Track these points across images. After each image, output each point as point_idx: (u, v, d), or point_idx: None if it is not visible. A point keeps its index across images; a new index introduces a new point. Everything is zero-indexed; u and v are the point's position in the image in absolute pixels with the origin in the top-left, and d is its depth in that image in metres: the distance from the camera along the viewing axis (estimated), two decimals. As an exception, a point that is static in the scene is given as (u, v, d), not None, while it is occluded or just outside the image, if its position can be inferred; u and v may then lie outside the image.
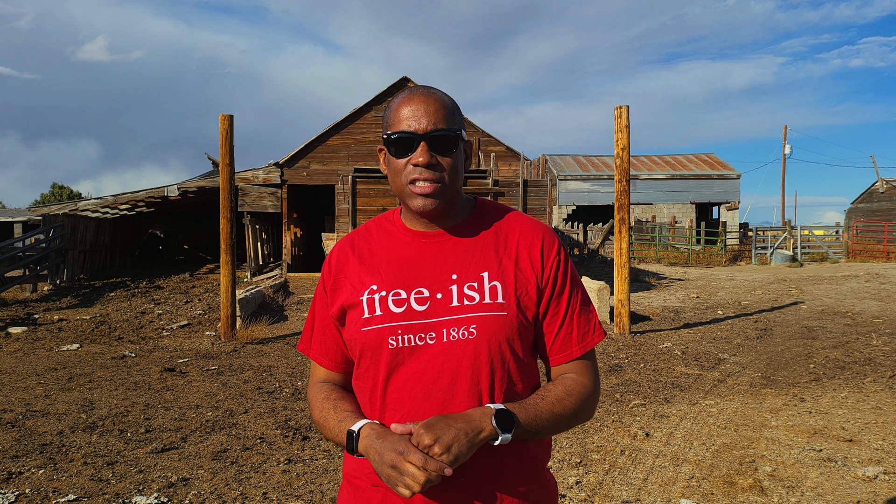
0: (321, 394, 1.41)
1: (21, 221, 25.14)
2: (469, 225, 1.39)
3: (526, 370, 1.34)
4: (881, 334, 9.42)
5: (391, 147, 1.32)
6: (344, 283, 1.38)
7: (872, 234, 27.61)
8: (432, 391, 1.27)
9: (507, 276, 1.32)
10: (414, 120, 1.29)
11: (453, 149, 1.31)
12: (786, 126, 37.59)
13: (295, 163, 19.18)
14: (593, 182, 33.49)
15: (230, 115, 9.89)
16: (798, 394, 6.22)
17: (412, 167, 1.29)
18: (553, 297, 1.35)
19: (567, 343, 1.36)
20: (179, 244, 27.75)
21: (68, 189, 49.56)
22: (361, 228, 1.48)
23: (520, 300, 1.31)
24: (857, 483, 4.03)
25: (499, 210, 1.44)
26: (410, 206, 1.32)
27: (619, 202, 9.87)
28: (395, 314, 1.30)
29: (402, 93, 1.35)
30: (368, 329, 1.31)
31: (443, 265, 1.33)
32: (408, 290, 1.31)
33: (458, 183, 1.34)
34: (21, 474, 4.17)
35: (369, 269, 1.37)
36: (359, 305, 1.33)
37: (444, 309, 1.29)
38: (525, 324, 1.32)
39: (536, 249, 1.36)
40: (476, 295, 1.30)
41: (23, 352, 8.57)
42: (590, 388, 1.35)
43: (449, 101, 1.34)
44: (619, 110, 9.84)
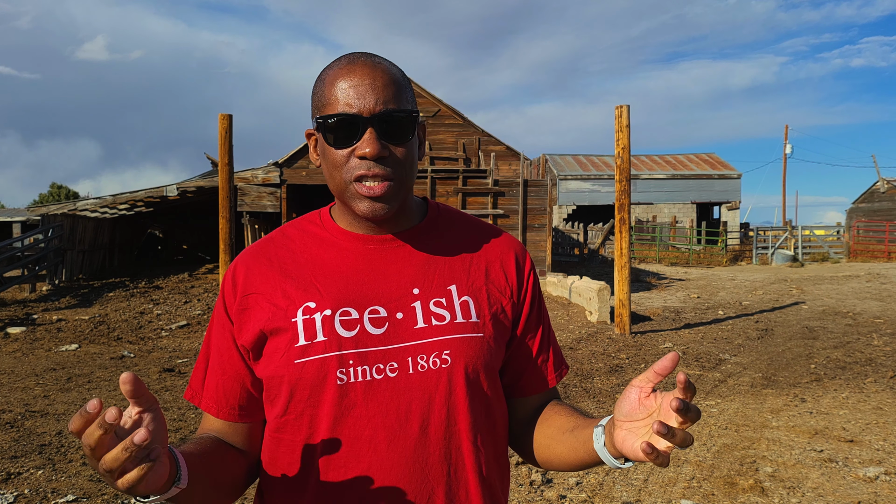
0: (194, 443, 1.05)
1: (20, 221, 25.12)
2: (426, 229, 1.14)
3: (501, 402, 1.13)
4: (882, 334, 9.41)
5: (327, 133, 1.03)
6: (258, 302, 1.07)
7: (873, 234, 27.61)
8: (399, 437, 1.00)
9: (479, 291, 1.10)
10: (357, 98, 1.01)
11: (409, 135, 1.04)
12: (787, 126, 37.63)
13: (294, 162, 19.17)
14: (594, 182, 33.49)
15: (229, 114, 9.88)
16: (799, 394, 6.20)
17: (357, 160, 1.02)
18: (530, 317, 1.15)
19: (543, 369, 1.17)
20: (178, 244, 27.74)
21: (67, 189, 49.58)
22: (275, 234, 1.17)
23: (496, 318, 1.10)
24: (858, 483, 4.02)
25: (457, 215, 1.21)
26: (355, 210, 1.05)
27: (620, 202, 9.86)
28: (344, 339, 1.01)
29: (336, 61, 1.06)
30: (306, 360, 1.01)
31: (400, 277, 1.07)
32: (360, 309, 1.04)
33: (413, 178, 1.08)
34: (20, 475, 4.16)
35: (298, 282, 1.07)
36: (289, 329, 1.03)
37: (407, 331, 1.04)
38: (500, 347, 1.10)
39: (510, 260, 1.16)
40: (446, 313, 1.06)
41: (21, 352, 8.56)
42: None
43: (398, 73, 1.07)
44: (620, 110, 9.83)
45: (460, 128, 18.53)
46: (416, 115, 1.06)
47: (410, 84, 1.10)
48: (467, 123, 18.40)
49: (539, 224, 16.17)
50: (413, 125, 1.05)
